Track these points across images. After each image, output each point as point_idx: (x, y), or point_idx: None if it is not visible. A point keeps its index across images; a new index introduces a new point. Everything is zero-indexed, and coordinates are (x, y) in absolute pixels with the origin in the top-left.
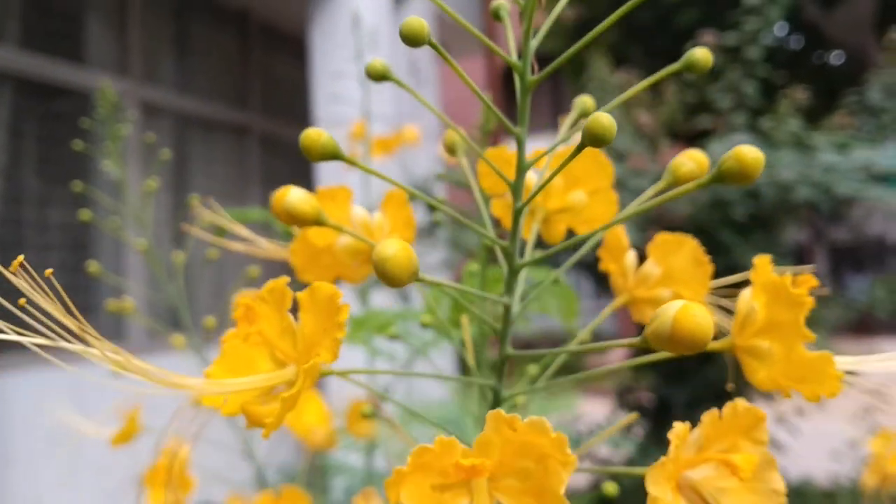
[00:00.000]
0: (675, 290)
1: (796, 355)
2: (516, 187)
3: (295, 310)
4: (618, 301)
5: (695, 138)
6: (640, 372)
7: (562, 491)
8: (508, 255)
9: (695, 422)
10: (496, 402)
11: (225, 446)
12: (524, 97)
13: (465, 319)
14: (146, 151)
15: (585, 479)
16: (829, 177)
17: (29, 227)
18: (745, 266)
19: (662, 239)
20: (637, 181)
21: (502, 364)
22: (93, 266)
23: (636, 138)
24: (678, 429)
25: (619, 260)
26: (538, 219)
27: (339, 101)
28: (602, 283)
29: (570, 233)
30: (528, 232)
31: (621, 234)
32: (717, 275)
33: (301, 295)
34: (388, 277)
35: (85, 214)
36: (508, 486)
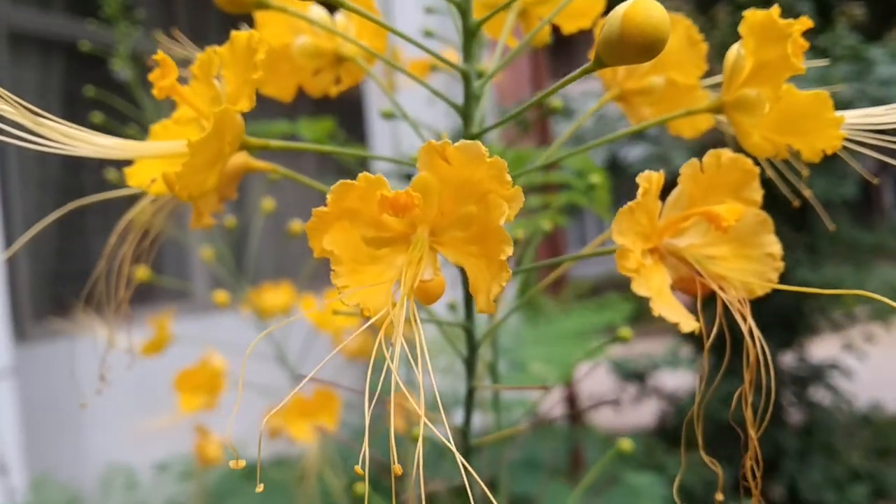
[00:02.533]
0: (669, 76)
1: (788, 100)
2: None
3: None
4: (606, 97)
5: None
6: (704, 303)
7: (501, 222)
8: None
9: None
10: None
11: (258, 356)
12: None
13: None
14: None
15: (651, 416)
16: (887, 90)
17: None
18: (810, 191)
19: None
20: None
21: None
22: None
23: None
24: (648, 174)
25: None
26: (515, 11)
27: None
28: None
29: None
30: (500, 31)
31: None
32: (780, 201)
33: (221, 50)
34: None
35: (96, 117)
36: (451, 238)
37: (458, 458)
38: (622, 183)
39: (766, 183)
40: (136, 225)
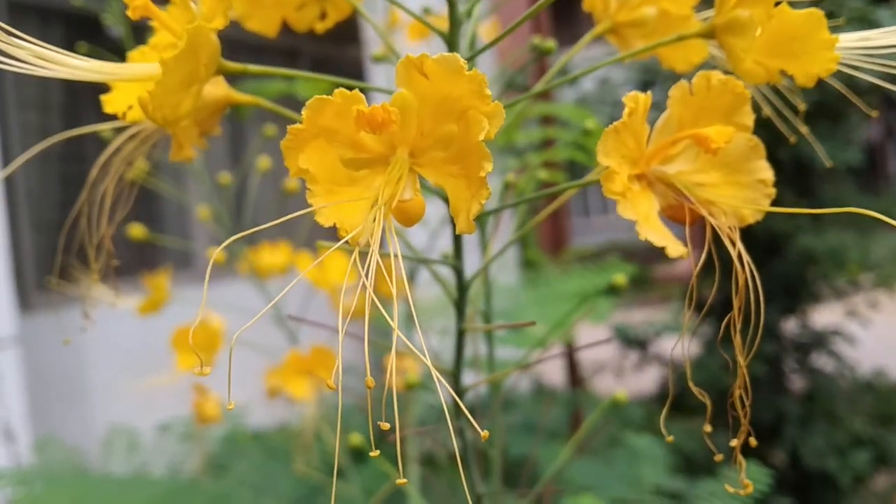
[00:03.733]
0: (661, 6)
1: (781, 20)
2: None
3: None
4: (598, 29)
5: None
6: (706, 271)
7: (481, 138)
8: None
9: (765, 316)
10: None
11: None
12: None
13: None
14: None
15: (653, 383)
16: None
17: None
18: (811, 158)
19: None
20: None
21: None
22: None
23: None
24: (635, 94)
25: None
26: None
27: None
28: None
29: None
30: None
31: None
32: (784, 166)
33: None
34: None
35: (82, 47)
36: (432, 159)
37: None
38: None
39: (768, 148)
40: (119, 163)
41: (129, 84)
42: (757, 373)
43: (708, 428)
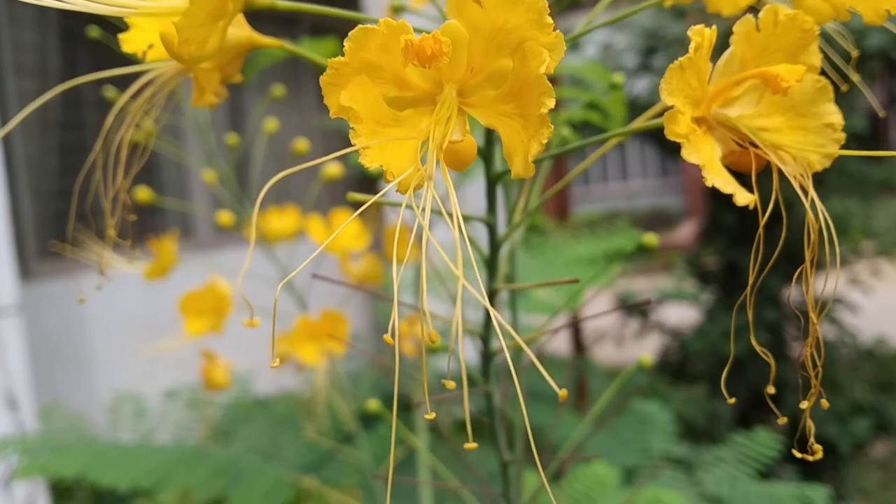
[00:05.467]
0: None
1: None
2: None
3: None
4: None
5: None
6: (708, 237)
7: (541, 71)
8: None
9: (766, 285)
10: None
11: (264, 280)
12: None
13: None
14: None
15: (654, 351)
16: None
17: (91, 130)
18: None
19: None
20: None
21: None
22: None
23: None
24: (701, 28)
25: None
26: None
27: None
28: (671, 154)
29: None
30: None
31: None
32: None
33: None
34: None
35: (93, 31)
36: (483, 97)
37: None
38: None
39: None
40: (135, 111)
41: (149, 21)
42: (759, 340)
43: (771, 390)
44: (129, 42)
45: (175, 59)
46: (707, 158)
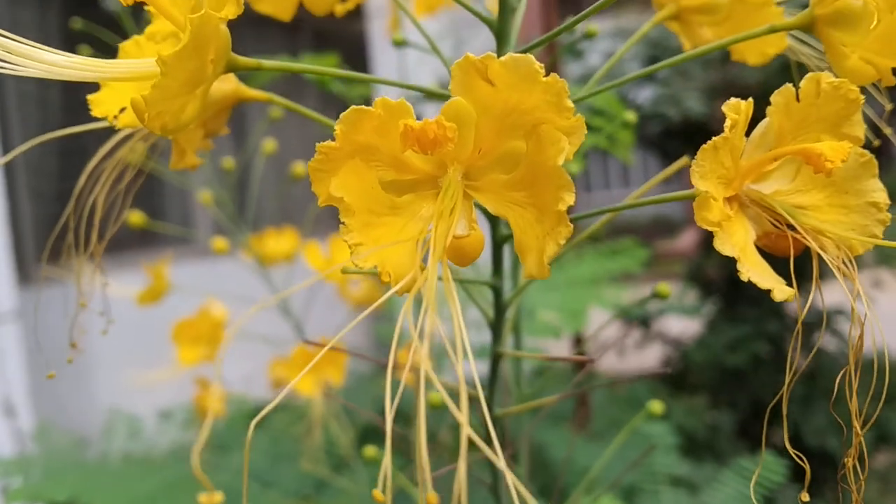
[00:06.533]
0: None
1: None
2: None
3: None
4: (661, 15)
5: None
6: (710, 248)
7: (560, 162)
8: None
9: (768, 296)
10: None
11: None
12: None
13: None
14: None
15: (655, 361)
16: None
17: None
18: None
19: None
20: None
21: None
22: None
23: None
24: (736, 103)
25: None
26: None
27: None
28: (673, 162)
29: None
30: None
31: None
32: None
33: None
34: None
35: (84, 50)
36: (491, 181)
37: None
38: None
39: None
40: (116, 163)
41: (121, 83)
42: (760, 351)
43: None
44: (98, 104)
45: (148, 129)
46: (741, 246)
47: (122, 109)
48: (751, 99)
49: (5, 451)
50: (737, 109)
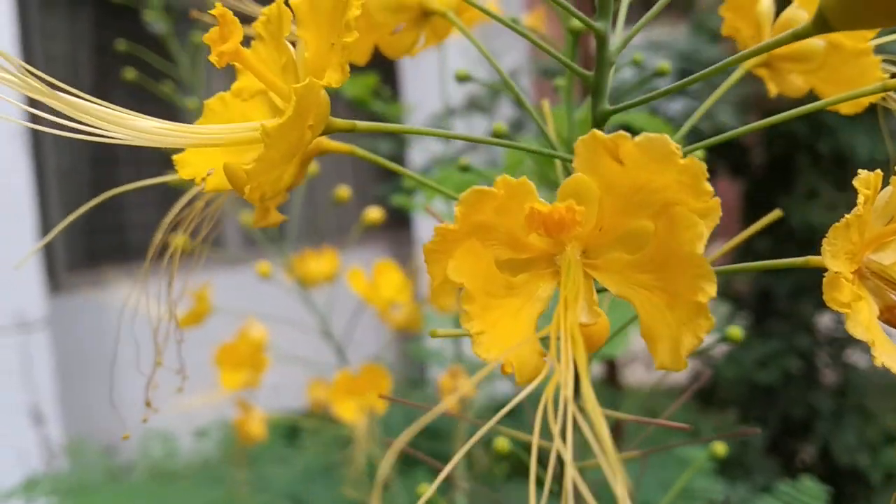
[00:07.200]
0: (831, 38)
1: None
2: None
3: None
4: (751, 62)
5: None
6: (740, 262)
7: (699, 249)
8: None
9: (799, 311)
10: None
11: (303, 327)
12: None
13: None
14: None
15: (685, 376)
16: None
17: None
18: (853, 149)
19: None
20: None
21: None
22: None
23: None
24: (866, 177)
25: (750, 12)
26: None
27: None
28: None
29: None
30: None
31: None
32: (823, 159)
33: (296, 4)
34: None
35: (129, 73)
36: (613, 261)
37: None
38: None
39: (809, 140)
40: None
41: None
42: (791, 367)
43: None
44: (185, 166)
45: (248, 200)
46: (869, 325)
47: (210, 172)
48: (879, 171)
49: (33, 460)
50: (867, 184)
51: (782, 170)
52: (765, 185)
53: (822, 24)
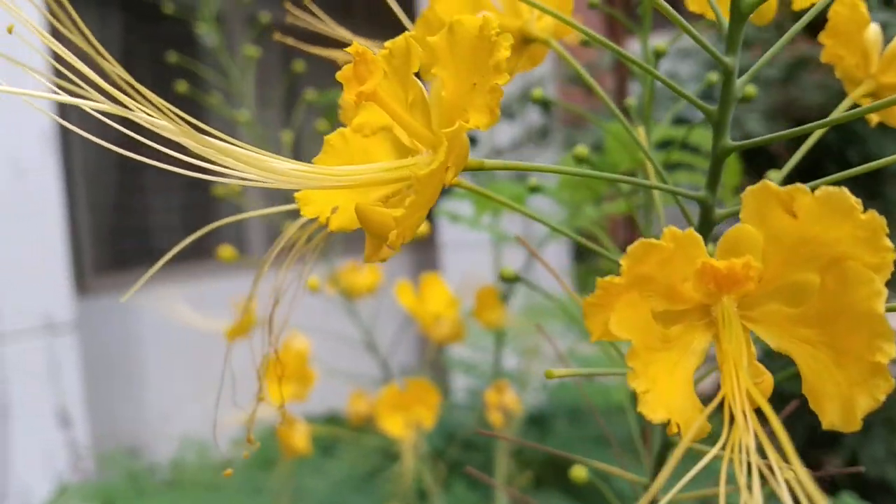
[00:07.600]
0: None
1: None
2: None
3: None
4: (858, 92)
5: None
6: None
7: (879, 308)
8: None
9: None
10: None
11: (347, 340)
12: None
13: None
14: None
15: (708, 383)
16: None
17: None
18: (881, 157)
19: None
20: None
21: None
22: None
23: None
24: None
25: (855, 39)
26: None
27: None
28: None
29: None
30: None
31: (856, 3)
32: (852, 167)
33: (435, 41)
34: None
35: (181, 86)
36: (769, 312)
37: None
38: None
39: (838, 148)
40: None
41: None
42: None
43: None
44: (309, 204)
45: (388, 245)
46: None
47: (335, 209)
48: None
49: (60, 463)
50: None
51: (810, 178)
52: None
53: None
